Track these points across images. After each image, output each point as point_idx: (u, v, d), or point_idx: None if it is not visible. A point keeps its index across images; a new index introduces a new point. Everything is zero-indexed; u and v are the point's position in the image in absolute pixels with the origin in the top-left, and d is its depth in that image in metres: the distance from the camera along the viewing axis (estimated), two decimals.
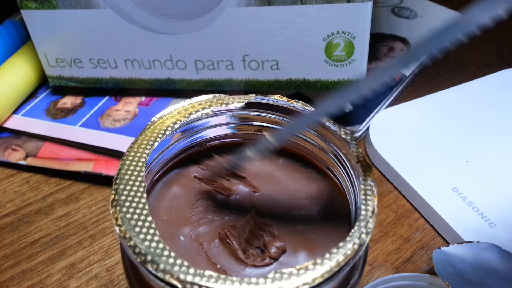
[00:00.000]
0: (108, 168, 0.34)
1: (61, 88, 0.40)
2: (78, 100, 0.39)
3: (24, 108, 0.39)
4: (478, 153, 0.35)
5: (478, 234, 0.30)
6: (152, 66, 0.36)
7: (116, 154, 0.34)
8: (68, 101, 0.39)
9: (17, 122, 0.37)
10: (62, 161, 0.35)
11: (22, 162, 0.35)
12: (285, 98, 0.22)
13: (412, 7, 0.50)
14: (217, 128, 0.24)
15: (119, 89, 0.40)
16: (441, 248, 0.28)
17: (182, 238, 0.21)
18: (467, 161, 0.35)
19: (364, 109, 0.39)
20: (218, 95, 0.23)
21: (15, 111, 0.38)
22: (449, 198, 0.32)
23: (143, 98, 0.39)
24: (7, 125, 0.37)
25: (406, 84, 0.43)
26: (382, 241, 0.31)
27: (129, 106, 0.38)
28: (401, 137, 0.36)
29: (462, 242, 0.28)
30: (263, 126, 0.24)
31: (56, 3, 0.34)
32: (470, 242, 0.28)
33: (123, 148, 0.34)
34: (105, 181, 0.34)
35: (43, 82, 0.41)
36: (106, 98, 0.39)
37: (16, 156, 0.35)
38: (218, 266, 0.20)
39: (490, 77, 0.42)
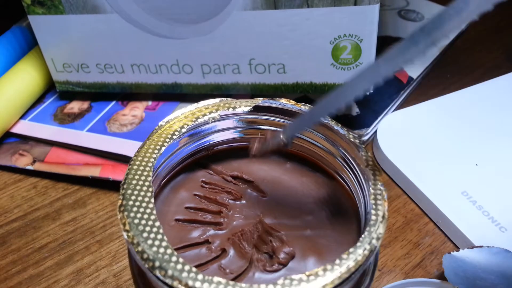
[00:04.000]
0: (115, 172, 0.34)
1: (68, 93, 0.40)
2: (85, 105, 0.39)
3: (31, 113, 0.39)
4: (488, 156, 0.35)
5: (489, 238, 0.29)
6: (159, 70, 0.36)
7: (123, 159, 0.34)
8: (75, 106, 0.39)
9: (24, 127, 0.37)
10: (69, 166, 0.35)
11: (30, 167, 0.35)
12: (292, 102, 0.22)
13: (419, 10, 0.50)
14: (224, 132, 0.23)
15: (125, 94, 0.40)
16: (451, 253, 0.27)
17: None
18: (476, 165, 0.34)
19: (371, 112, 0.38)
20: (225, 99, 0.23)
21: (22, 116, 0.38)
22: (458, 202, 0.32)
23: (149, 103, 0.39)
24: (15, 130, 0.37)
25: (414, 87, 0.43)
26: (391, 246, 0.31)
27: (136, 110, 0.38)
28: (409, 141, 0.36)
29: (472, 246, 0.28)
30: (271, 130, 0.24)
31: (63, 9, 0.34)
32: (481, 246, 0.28)
33: (130, 153, 0.34)
34: (113, 186, 0.34)
35: (50, 87, 0.41)
36: (113, 103, 0.39)
37: (23, 161, 0.35)
38: (227, 271, 0.20)
39: (499, 79, 0.42)
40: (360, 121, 0.38)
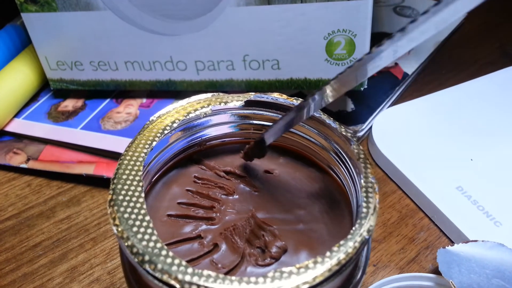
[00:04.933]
0: (109, 170, 0.33)
1: (63, 91, 0.40)
2: (79, 103, 0.39)
3: (25, 112, 0.39)
4: (482, 151, 0.35)
5: (484, 233, 0.29)
6: (153, 67, 0.36)
7: (117, 156, 0.34)
8: (69, 104, 0.39)
9: (18, 126, 0.37)
10: (63, 164, 0.34)
11: (24, 166, 0.35)
12: (284, 96, 0.22)
13: (414, 6, 0.50)
14: (217, 127, 0.23)
15: (120, 92, 0.39)
16: (446, 247, 0.27)
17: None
18: (471, 160, 0.34)
19: (366, 108, 0.38)
20: (217, 93, 0.23)
21: (16, 115, 0.38)
22: (453, 197, 0.32)
23: (144, 100, 0.39)
24: (9, 128, 0.37)
25: (409, 83, 0.43)
26: (386, 241, 0.31)
27: (130, 108, 0.38)
28: (404, 137, 0.36)
29: (467, 241, 0.28)
30: (263, 125, 0.23)
31: (56, 6, 0.34)
32: (476, 241, 0.28)
33: None
34: (107, 183, 0.34)
35: (44, 86, 0.41)
36: (107, 100, 0.39)
37: (17, 160, 0.35)
38: (219, 265, 0.19)
39: (494, 75, 0.42)
40: (355, 117, 0.37)
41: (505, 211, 0.31)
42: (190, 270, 0.16)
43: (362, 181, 0.19)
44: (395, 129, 0.37)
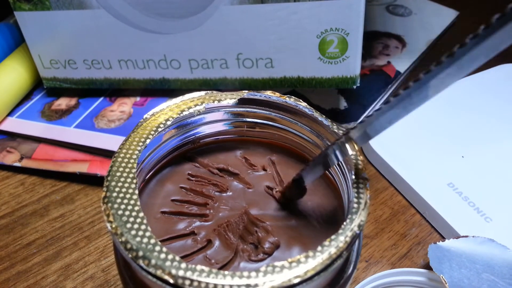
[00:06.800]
0: (103, 168, 0.33)
1: (56, 90, 0.40)
2: (72, 101, 0.39)
3: (19, 110, 0.39)
4: (474, 148, 0.35)
5: (474, 228, 0.30)
6: (146, 66, 0.36)
7: (111, 155, 0.34)
8: (62, 103, 0.39)
9: (12, 124, 0.37)
10: (57, 163, 0.34)
11: (17, 164, 0.35)
12: (277, 94, 0.22)
13: (407, 5, 0.50)
14: (210, 125, 0.23)
15: (113, 90, 0.40)
16: (437, 243, 0.28)
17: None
18: (462, 157, 0.35)
19: (359, 106, 0.39)
20: (211, 91, 0.23)
21: (9, 113, 0.38)
22: (445, 194, 0.32)
23: (138, 99, 0.39)
24: (2, 127, 0.37)
25: (401, 81, 0.43)
26: (378, 237, 0.31)
27: (124, 106, 0.38)
28: (396, 134, 0.36)
29: (458, 237, 0.28)
30: (256, 123, 0.24)
31: (49, 4, 0.34)
32: (466, 236, 0.28)
33: None
34: (100, 181, 0.34)
35: (38, 84, 0.41)
36: (101, 99, 0.39)
37: (11, 158, 0.35)
38: (212, 261, 0.20)
39: (486, 73, 0.42)
40: (348, 115, 0.38)
41: (496, 207, 0.31)
42: (183, 265, 0.16)
43: (353, 176, 0.19)
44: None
